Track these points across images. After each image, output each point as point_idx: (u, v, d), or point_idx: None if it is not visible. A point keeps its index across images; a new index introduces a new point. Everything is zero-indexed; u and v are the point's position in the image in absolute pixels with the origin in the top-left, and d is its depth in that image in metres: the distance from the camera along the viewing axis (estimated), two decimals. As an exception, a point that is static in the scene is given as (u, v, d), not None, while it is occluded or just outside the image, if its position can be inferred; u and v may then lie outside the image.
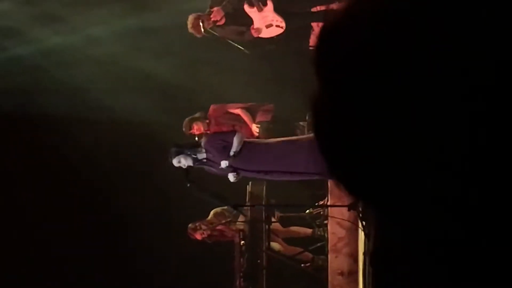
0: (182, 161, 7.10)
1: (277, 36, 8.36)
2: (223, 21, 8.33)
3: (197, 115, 9.00)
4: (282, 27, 8.22)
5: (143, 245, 10.08)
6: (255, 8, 8.13)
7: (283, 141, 7.15)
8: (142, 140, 10.05)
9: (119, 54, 10.20)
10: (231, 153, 6.97)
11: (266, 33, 8.31)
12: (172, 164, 7.19)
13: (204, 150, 7.13)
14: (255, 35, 8.24)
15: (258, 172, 7.05)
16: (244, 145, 7.05)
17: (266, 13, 8.14)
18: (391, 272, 0.66)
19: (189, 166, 7.13)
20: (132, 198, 10.08)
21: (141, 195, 10.14)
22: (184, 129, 8.94)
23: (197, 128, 8.91)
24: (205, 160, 7.12)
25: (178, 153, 7.13)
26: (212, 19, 8.30)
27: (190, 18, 8.44)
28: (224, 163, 6.98)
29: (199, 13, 8.42)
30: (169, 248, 9.69)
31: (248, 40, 8.45)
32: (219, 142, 7.09)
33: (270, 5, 8.12)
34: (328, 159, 0.66)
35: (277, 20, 8.18)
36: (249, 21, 8.26)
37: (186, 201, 8.11)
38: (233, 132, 7.29)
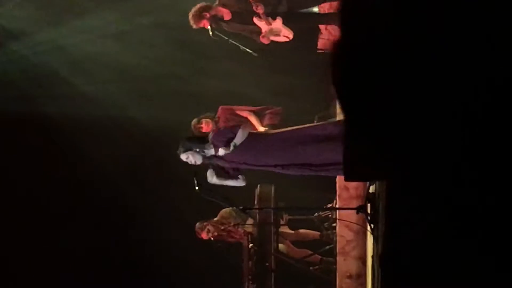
0: (190, 158, 7.06)
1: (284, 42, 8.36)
2: (229, 16, 8.30)
3: (206, 114, 9.03)
4: (289, 38, 8.22)
5: (151, 246, 10.10)
6: (263, 22, 8.12)
7: (287, 131, 7.03)
8: (150, 139, 10.07)
9: (123, 54, 10.21)
10: (232, 145, 6.89)
11: (273, 39, 8.30)
12: (180, 157, 7.12)
13: (212, 146, 7.09)
14: (265, 42, 8.21)
15: (267, 166, 6.99)
16: (248, 136, 6.94)
17: (275, 26, 8.14)
18: (400, 274, 0.67)
19: (196, 166, 7.11)
20: (141, 196, 10.09)
21: (149, 194, 10.16)
22: (193, 128, 8.94)
23: (206, 125, 8.91)
24: (213, 157, 7.09)
25: (187, 149, 7.10)
26: (218, 14, 8.25)
27: (196, 7, 8.33)
28: (222, 151, 6.91)
29: (207, 4, 8.30)
30: (177, 250, 9.70)
31: (254, 39, 8.42)
32: (226, 136, 7.01)
33: (279, 20, 8.09)
34: (345, 103, 0.68)
35: (285, 33, 8.17)
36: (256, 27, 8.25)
37: (195, 201, 8.11)
38: (239, 126, 7.19)
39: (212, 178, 7.08)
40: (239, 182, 7.09)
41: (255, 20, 8.14)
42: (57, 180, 10.34)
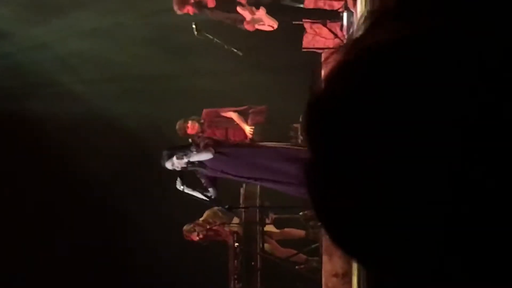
0: (175, 163, 7.11)
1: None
2: (213, 4, 8.27)
3: (192, 116, 9.02)
4: (273, 28, 8.21)
5: (137, 247, 10.08)
6: (247, 11, 8.12)
7: (269, 147, 7.20)
8: (134, 143, 10.05)
9: (111, 56, 10.18)
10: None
11: (258, 27, 8.28)
12: (166, 167, 7.22)
13: (195, 151, 7.14)
14: (249, 29, 8.20)
15: (241, 177, 7.13)
16: (230, 149, 7.13)
17: (258, 16, 8.14)
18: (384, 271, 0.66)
19: (182, 168, 7.14)
20: (127, 199, 10.06)
21: (135, 196, 10.13)
22: (178, 131, 8.93)
23: (192, 126, 8.90)
24: (197, 162, 7.13)
25: (170, 156, 7.15)
26: (202, 1, 8.21)
27: None
28: (205, 155, 7.00)
29: None
30: (163, 250, 9.68)
31: (238, 27, 8.37)
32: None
33: (262, 10, 8.10)
34: (324, 223, 0.68)
35: (269, 22, 8.17)
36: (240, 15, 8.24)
37: (180, 201, 8.10)
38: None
39: (180, 186, 7.21)
40: (207, 195, 7.25)
41: (239, 9, 8.14)
42: (43, 179, 10.29)
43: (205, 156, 7.05)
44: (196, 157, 7.12)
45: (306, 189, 0.67)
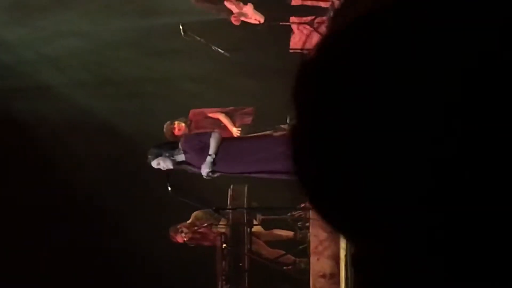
0: (161, 164, 7.07)
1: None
2: None
3: (179, 118, 9.01)
4: (260, 22, 8.22)
5: (125, 249, 10.05)
6: (234, 6, 8.13)
7: (259, 135, 7.17)
8: (125, 145, 10.03)
9: (99, 60, 10.16)
10: (210, 157, 6.90)
11: (245, 20, 8.28)
12: (151, 165, 7.15)
13: (182, 152, 7.10)
14: (235, 22, 8.20)
15: (241, 173, 7.04)
16: (221, 144, 6.97)
17: (245, 11, 8.15)
18: (373, 272, 0.66)
19: (169, 169, 7.11)
20: (115, 201, 10.04)
21: (123, 198, 10.11)
22: (165, 132, 8.92)
23: (179, 128, 8.89)
24: (183, 162, 7.10)
25: (157, 155, 7.10)
26: None
27: None
28: (205, 171, 6.91)
29: None
30: (151, 252, 9.66)
31: (223, 18, 8.35)
32: (196, 143, 7.03)
33: (250, 6, 8.12)
34: (309, 193, 0.68)
35: (256, 17, 8.18)
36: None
37: (167, 204, 8.09)
38: (209, 133, 7.18)
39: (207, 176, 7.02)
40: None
41: (226, 3, 8.15)
42: (33, 181, 10.26)
43: (204, 169, 6.99)
44: (182, 158, 7.09)
45: (290, 155, 0.66)
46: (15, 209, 10.18)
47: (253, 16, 8.12)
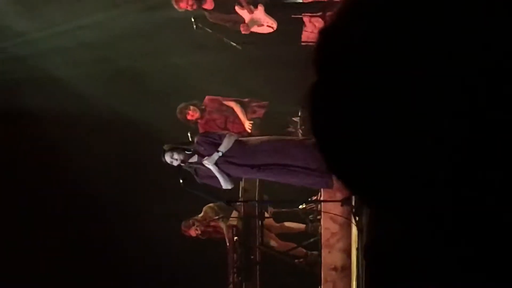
0: (175, 155, 7.15)
1: (268, 33, 8.35)
2: (211, 6, 8.27)
3: (193, 101, 9.05)
4: (273, 28, 8.22)
5: (136, 242, 10.07)
6: (245, 10, 8.12)
7: (276, 138, 7.25)
8: (135, 135, 10.04)
9: (108, 53, 10.15)
10: (219, 152, 7.02)
11: (257, 30, 8.30)
12: (166, 162, 7.23)
13: (196, 145, 7.18)
14: (244, 32, 8.21)
15: (252, 167, 7.07)
16: (235, 143, 7.13)
17: (257, 15, 8.13)
18: (384, 265, 0.66)
19: (181, 162, 7.16)
20: (125, 194, 10.06)
21: (134, 191, 10.12)
22: (178, 115, 8.95)
23: (192, 113, 8.94)
24: (194, 163, 7.20)
25: (171, 149, 7.19)
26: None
27: None
28: (207, 163, 7.04)
29: None
30: (163, 245, 9.68)
31: (237, 31, 8.38)
32: (212, 139, 7.18)
33: (261, 8, 8.10)
34: (326, 154, 0.67)
35: (268, 22, 8.17)
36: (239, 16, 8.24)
37: (179, 197, 8.10)
38: (227, 133, 7.36)
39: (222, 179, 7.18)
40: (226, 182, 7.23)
41: (237, 8, 8.14)
42: (37, 176, 10.28)
43: (207, 161, 7.12)
44: (194, 159, 7.22)
45: (308, 111, 0.67)
46: (20, 203, 10.23)
47: (265, 20, 8.11)
